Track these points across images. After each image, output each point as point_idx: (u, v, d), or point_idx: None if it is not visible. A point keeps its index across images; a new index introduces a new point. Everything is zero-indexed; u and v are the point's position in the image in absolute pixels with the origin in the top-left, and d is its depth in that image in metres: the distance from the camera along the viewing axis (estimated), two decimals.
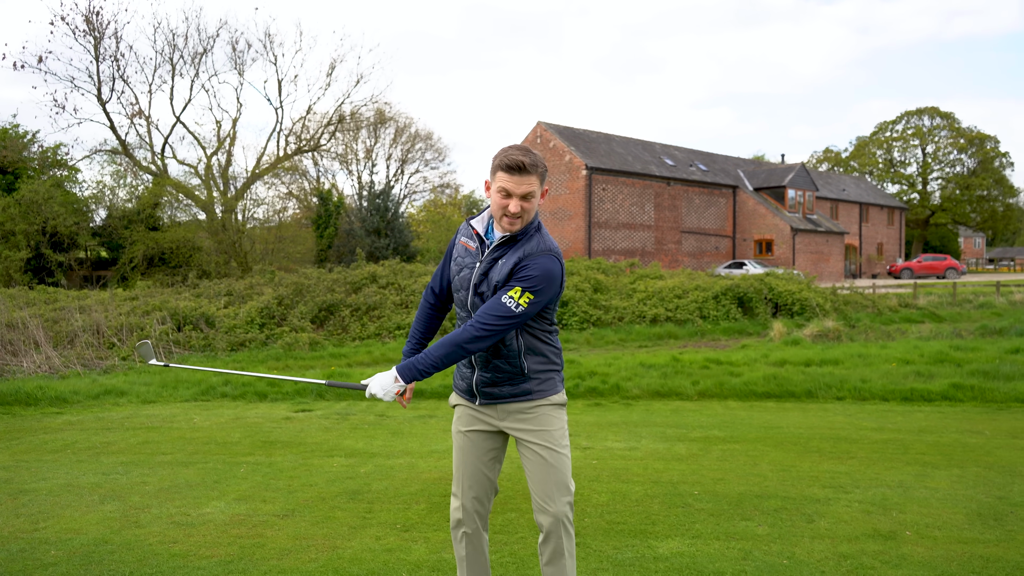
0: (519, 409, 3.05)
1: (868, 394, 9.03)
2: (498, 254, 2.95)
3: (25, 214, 28.09)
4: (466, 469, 3.12)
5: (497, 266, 2.93)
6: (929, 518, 4.65)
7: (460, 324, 3.03)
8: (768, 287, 21.00)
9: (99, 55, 30.16)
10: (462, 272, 3.04)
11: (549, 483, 3.01)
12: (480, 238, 3.01)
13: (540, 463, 3.02)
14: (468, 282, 3.00)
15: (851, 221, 49.32)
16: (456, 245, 3.12)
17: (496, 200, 2.90)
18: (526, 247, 2.94)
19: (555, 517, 3.00)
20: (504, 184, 2.85)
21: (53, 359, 14.50)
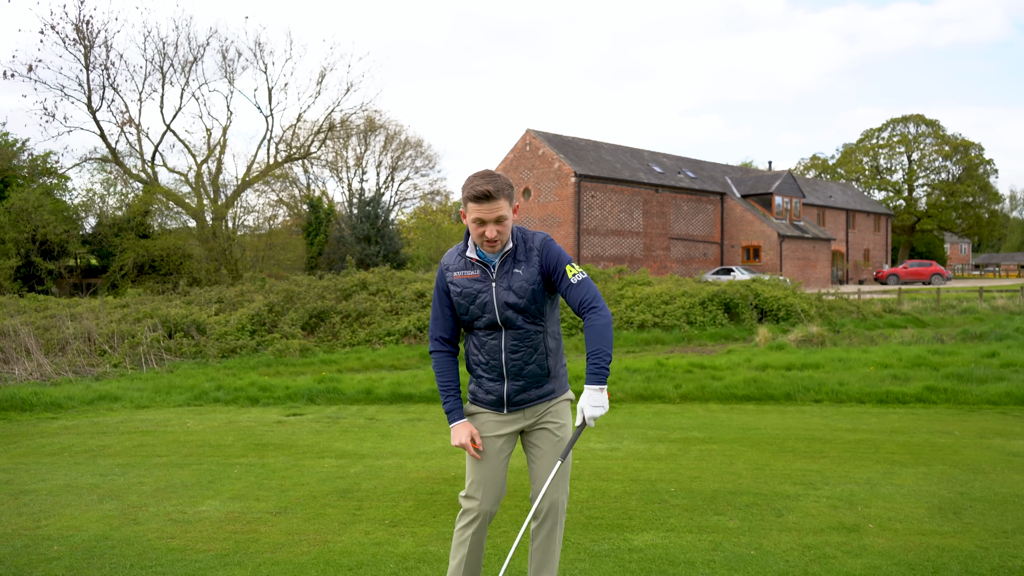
0: (540, 408, 3.27)
1: (845, 397, 9.29)
2: (508, 267, 3.15)
3: (15, 222, 28.15)
4: (487, 473, 3.22)
5: (518, 275, 3.13)
6: (892, 512, 4.89)
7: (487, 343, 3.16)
8: (754, 293, 21.28)
9: (89, 64, 30.31)
10: (478, 298, 3.15)
11: (557, 473, 3.23)
12: (481, 263, 3.16)
13: (553, 454, 3.24)
14: (493, 303, 3.13)
15: (838, 227, 49.81)
16: (451, 284, 3.21)
17: (474, 229, 3.10)
18: (528, 243, 3.18)
19: (554, 503, 3.23)
20: (476, 214, 3.05)
21: (45, 366, 14.62)
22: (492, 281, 3.14)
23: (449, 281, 3.22)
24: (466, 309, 3.18)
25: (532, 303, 3.14)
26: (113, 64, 31.62)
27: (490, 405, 3.24)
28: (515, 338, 3.16)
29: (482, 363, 3.22)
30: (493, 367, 3.20)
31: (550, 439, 3.26)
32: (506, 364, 3.17)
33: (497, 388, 3.20)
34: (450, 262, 3.25)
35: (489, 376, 3.21)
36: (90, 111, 30.73)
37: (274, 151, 34.80)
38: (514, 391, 3.19)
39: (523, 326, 3.15)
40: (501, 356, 3.17)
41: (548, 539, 3.24)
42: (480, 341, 3.20)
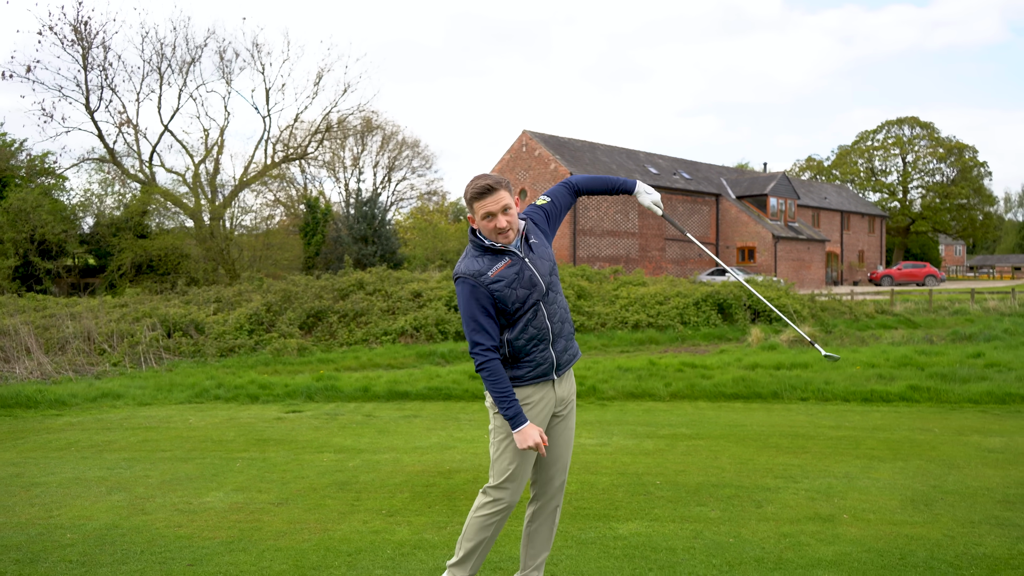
0: (568, 378, 3.53)
1: (831, 395, 9.53)
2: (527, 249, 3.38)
3: (13, 222, 28.30)
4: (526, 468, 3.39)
5: (537, 245, 3.40)
6: (866, 504, 5.13)
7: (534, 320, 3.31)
8: (748, 294, 21.54)
9: (87, 64, 30.48)
10: (522, 278, 3.28)
11: (567, 454, 3.56)
12: (506, 249, 3.31)
13: (566, 442, 3.53)
14: (535, 274, 3.32)
15: (832, 229, 50.14)
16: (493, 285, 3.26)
17: (485, 226, 3.28)
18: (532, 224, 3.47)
19: (561, 484, 3.55)
20: (484, 209, 3.26)
21: (45, 365, 14.80)
22: (524, 257, 3.34)
23: (489, 285, 3.26)
24: (516, 297, 3.27)
25: (553, 264, 3.45)
26: (111, 65, 31.87)
27: (542, 375, 3.37)
28: (551, 303, 3.39)
29: (532, 338, 3.31)
30: (543, 336, 3.34)
31: (566, 431, 3.52)
32: (552, 328, 3.37)
33: (547, 355, 3.36)
34: (478, 268, 3.28)
35: (539, 348, 3.34)
36: (88, 111, 30.92)
37: (271, 151, 35.03)
38: (560, 351, 3.41)
39: (555, 287, 3.44)
40: (548, 322, 3.36)
41: (550, 521, 3.53)
42: (524, 323, 3.30)
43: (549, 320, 3.36)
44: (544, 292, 3.35)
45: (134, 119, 32.53)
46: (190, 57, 32.61)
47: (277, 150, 35.12)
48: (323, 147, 38.98)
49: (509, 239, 3.31)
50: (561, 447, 3.52)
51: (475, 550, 3.45)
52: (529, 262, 3.34)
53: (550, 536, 3.55)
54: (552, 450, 3.49)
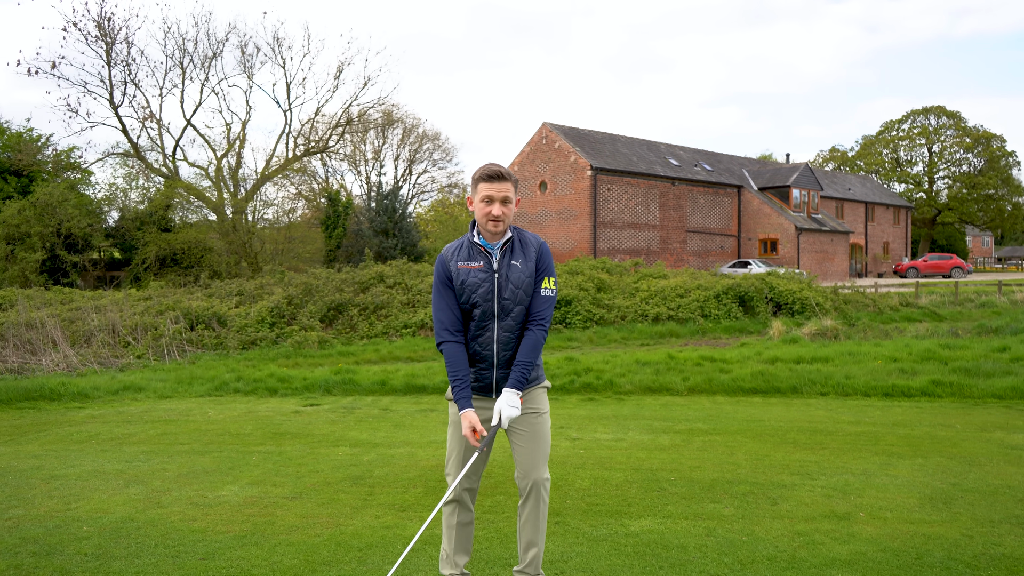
0: (528, 391, 3.51)
1: (851, 390, 9.42)
2: (508, 260, 3.39)
3: (40, 216, 28.69)
4: (468, 456, 3.47)
5: (516, 268, 3.38)
6: (884, 501, 5.06)
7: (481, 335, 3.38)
8: (769, 286, 21.36)
9: (111, 60, 30.79)
10: (480, 288, 3.35)
11: (536, 454, 3.48)
12: (485, 251, 3.38)
13: (531, 436, 3.48)
14: (494, 292, 3.35)
15: (857, 220, 49.56)
16: (455, 273, 3.38)
17: (480, 208, 3.36)
18: (524, 240, 3.45)
19: (536, 481, 3.47)
20: (486, 192, 3.32)
21: (71, 357, 15.02)
22: (494, 272, 3.36)
23: (452, 270, 3.38)
24: (467, 298, 3.36)
25: (526, 296, 3.40)
26: (134, 60, 32.18)
27: (480, 391, 3.48)
28: (506, 329, 3.39)
29: (474, 354, 3.42)
30: (484, 356, 3.41)
31: (529, 422, 3.48)
32: (497, 354, 3.40)
33: (487, 375, 3.43)
34: (452, 252, 3.43)
35: (481, 365, 3.43)
36: (112, 107, 31.26)
37: (292, 145, 35.22)
38: (501, 378, 3.43)
39: (516, 317, 3.39)
40: (493, 347, 3.39)
41: (533, 514, 3.48)
42: (472, 332, 3.40)
43: (498, 343, 3.40)
44: (494, 314, 3.36)
45: (157, 114, 32.87)
46: (212, 52, 32.87)
47: (298, 144, 35.32)
48: (344, 140, 39.18)
49: (498, 230, 3.35)
50: (521, 446, 3.48)
51: (446, 541, 3.58)
52: (498, 279, 3.37)
53: (537, 532, 3.50)
54: (514, 448, 3.50)
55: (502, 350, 3.40)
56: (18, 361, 14.94)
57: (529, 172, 37.17)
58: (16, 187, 31.00)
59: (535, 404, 3.52)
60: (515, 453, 3.52)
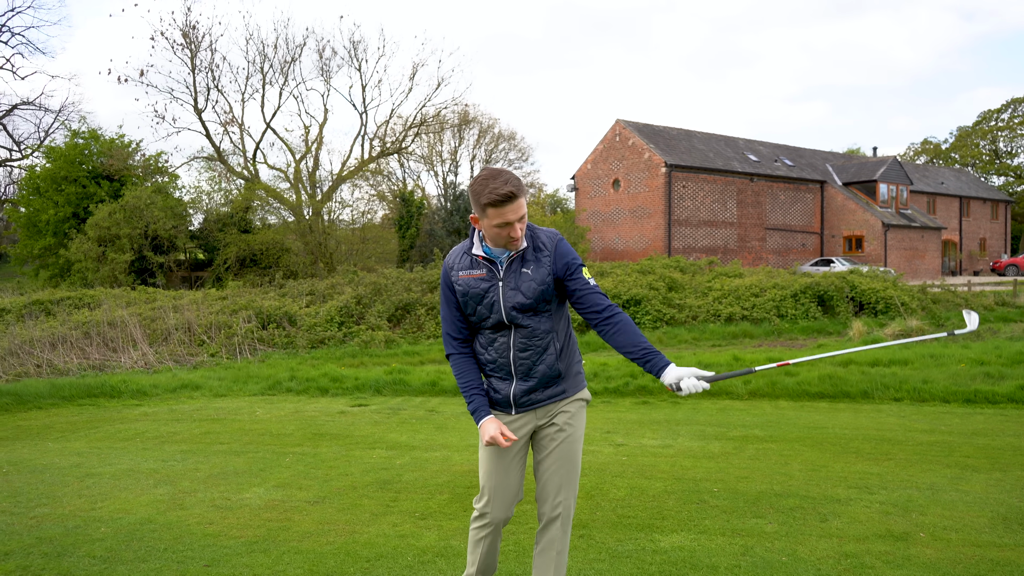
0: (554, 409, 3.16)
1: (928, 395, 8.77)
2: (517, 266, 3.03)
3: (129, 219, 29.82)
4: (500, 479, 3.14)
5: (526, 275, 3.01)
6: (949, 521, 4.58)
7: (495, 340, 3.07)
8: (850, 285, 20.41)
9: (195, 67, 31.80)
10: (485, 298, 3.04)
11: (562, 475, 3.11)
12: (488, 260, 3.05)
13: (560, 455, 3.12)
14: (500, 303, 3.03)
15: (950, 216, 47.11)
16: (456, 284, 3.09)
17: (497, 232, 2.96)
18: (537, 241, 3.06)
19: (557, 509, 3.10)
20: (502, 218, 2.91)
21: (148, 355, 15.48)
22: (499, 280, 3.04)
23: (454, 280, 3.10)
24: (473, 309, 3.08)
25: (541, 302, 3.03)
26: (217, 67, 33.17)
27: (497, 405, 3.16)
28: (524, 336, 3.05)
29: (490, 361, 3.12)
30: (501, 366, 3.10)
31: (557, 439, 3.13)
32: (514, 363, 3.07)
33: (504, 387, 3.11)
34: (454, 261, 3.13)
35: (497, 375, 3.12)
36: (196, 112, 32.27)
37: (368, 147, 35.67)
38: (521, 392, 3.09)
39: (532, 325, 3.04)
40: (509, 355, 3.07)
41: (548, 545, 3.11)
42: (488, 339, 3.11)
43: (514, 351, 3.06)
44: (505, 324, 3.05)
45: (239, 118, 33.77)
46: (290, 57, 33.54)
47: (374, 145, 35.75)
48: (420, 140, 39.47)
49: (519, 247, 3.01)
50: (545, 465, 3.14)
51: (475, 565, 3.22)
52: (503, 286, 3.03)
53: (550, 566, 3.12)
54: (537, 467, 3.16)
55: (519, 358, 3.07)
56: (100, 358, 15.49)
57: (602, 170, 36.67)
58: (108, 191, 32.29)
59: (564, 421, 3.14)
60: (537, 472, 3.17)
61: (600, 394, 9.50)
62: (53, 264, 31.51)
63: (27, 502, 5.15)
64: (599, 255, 35.82)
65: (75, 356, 15.14)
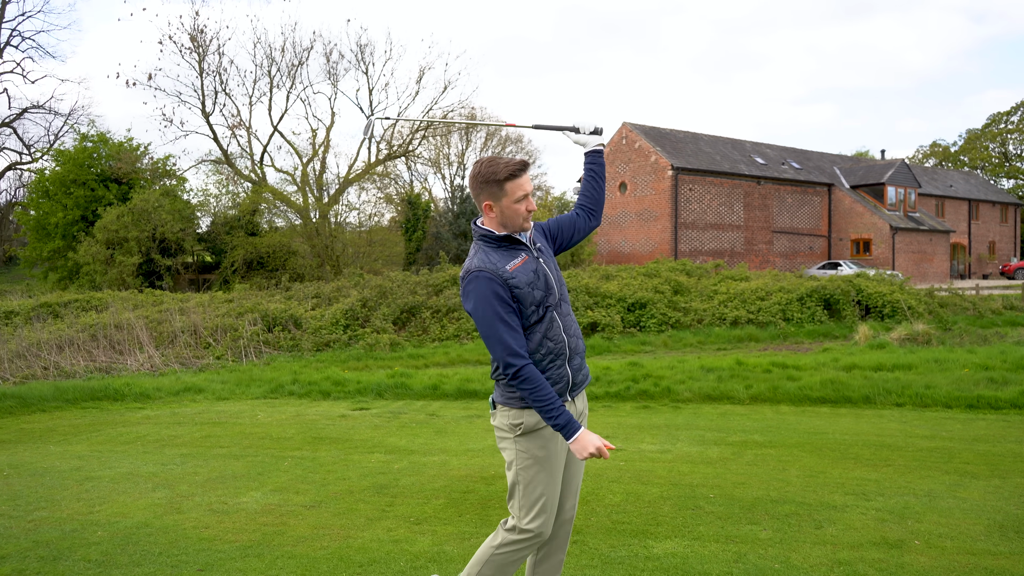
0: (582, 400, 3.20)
1: (930, 400, 8.72)
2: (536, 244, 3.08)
3: (136, 222, 29.99)
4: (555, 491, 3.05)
5: (546, 251, 3.12)
6: (945, 528, 4.56)
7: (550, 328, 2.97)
8: (857, 288, 20.34)
9: (203, 70, 31.95)
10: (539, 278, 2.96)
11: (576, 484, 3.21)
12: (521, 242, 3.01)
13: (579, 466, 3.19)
14: (551, 279, 3.02)
15: (959, 219, 46.89)
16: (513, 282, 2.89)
17: (515, 210, 2.94)
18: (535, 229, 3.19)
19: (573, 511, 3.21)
20: (523, 189, 2.94)
21: (154, 358, 15.55)
22: (538, 257, 3.03)
23: (511, 282, 2.89)
24: (532, 297, 2.92)
25: (562, 278, 3.14)
26: (225, 70, 33.22)
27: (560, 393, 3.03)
28: (565, 314, 3.06)
29: (550, 353, 2.96)
30: (559, 352, 2.98)
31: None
32: (568, 343, 3.01)
33: (563, 374, 3.00)
34: (495, 263, 2.91)
35: (555, 364, 2.97)
36: (204, 115, 32.41)
37: (375, 150, 35.75)
38: (575, 370, 3.05)
39: (567, 300, 3.12)
40: (564, 336, 3.00)
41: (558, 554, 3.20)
42: (540, 337, 2.94)
43: (566, 333, 3.01)
44: (558, 299, 3.02)
45: (247, 121, 33.91)
46: (297, 60, 33.66)
47: (381, 148, 35.84)
48: (427, 143, 39.58)
49: (530, 226, 3.05)
50: (573, 471, 3.18)
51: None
52: (543, 262, 3.04)
53: (558, 568, 3.21)
54: (565, 474, 3.13)
55: (572, 337, 3.03)
56: (106, 361, 15.57)
57: (609, 173, 36.65)
58: (116, 194, 32.47)
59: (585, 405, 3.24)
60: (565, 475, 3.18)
61: (601, 398, 9.49)
62: (62, 267, 31.69)
63: (26, 505, 5.18)
64: (605, 258, 35.79)
65: (82, 359, 15.22)
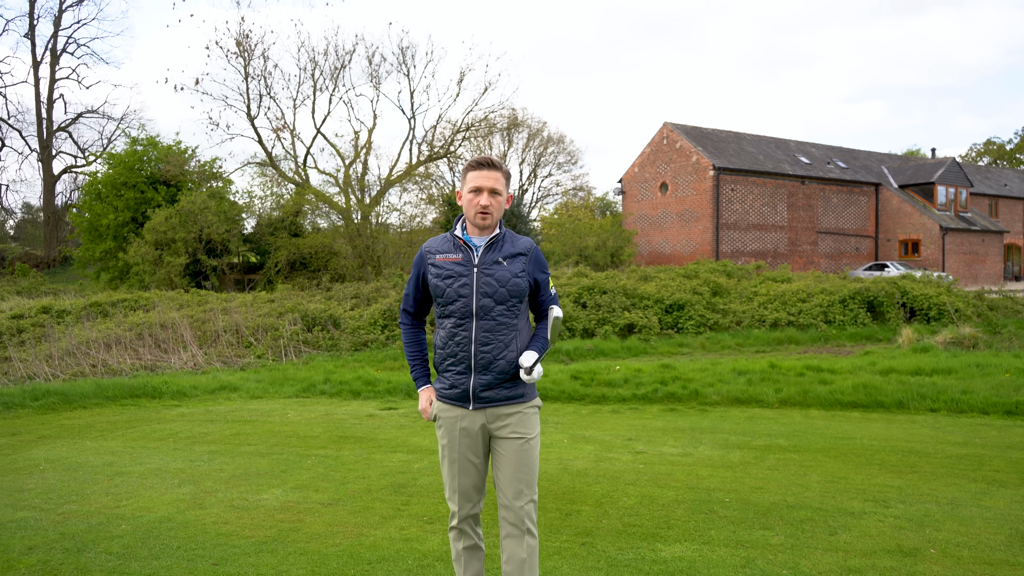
0: (509, 411, 3.19)
1: (967, 406, 8.52)
2: (493, 257, 3.16)
3: (184, 223, 30.68)
4: (462, 479, 3.21)
5: (502, 267, 3.15)
6: (964, 537, 4.47)
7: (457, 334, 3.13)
8: (902, 291, 19.92)
9: (248, 75, 32.56)
10: (457, 282, 3.12)
11: (519, 480, 3.16)
12: (467, 246, 3.17)
13: (514, 460, 3.16)
14: (472, 288, 3.11)
15: (1014, 219, 45.52)
16: (432, 265, 3.20)
17: (469, 200, 3.18)
18: (517, 244, 3.23)
19: (517, 515, 3.14)
20: (475, 183, 3.15)
21: (197, 356, 15.92)
22: (474, 267, 3.14)
23: (431, 263, 3.21)
24: (442, 292, 3.15)
25: (511, 297, 3.15)
26: (270, 74, 33.90)
27: (456, 399, 3.19)
28: (487, 329, 3.12)
29: (449, 355, 3.16)
30: (462, 359, 3.14)
31: (516, 447, 3.18)
32: (475, 356, 3.12)
33: (464, 381, 3.15)
34: (434, 245, 3.25)
35: (456, 369, 3.15)
36: (249, 119, 33.03)
37: (417, 151, 36.06)
38: (480, 385, 3.13)
39: (497, 318, 3.13)
40: (471, 347, 3.12)
41: (515, 553, 3.15)
42: (450, 332, 3.16)
43: (476, 344, 3.12)
44: (472, 312, 3.12)
45: (291, 124, 34.48)
46: (340, 63, 34.11)
47: (422, 150, 36.12)
48: (468, 144, 39.77)
49: (486, 223, 3.15)
50: (505, 473, 3.17)
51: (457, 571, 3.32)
52: (478, 272, 3.14)
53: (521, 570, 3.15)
54: (497, 475, 3.20)
55: (480, 351, 3.11)
56: (152, 359, 16.00)
57: (650, 173, 36.42)
58: (164, 196, 33.25)
59: (522, 428, 3.20)
60: (497, 480, 3.21)
61: (628, 400, 9.47)
62: (113, 267, 32.58)
63: (57, 499, 5.37)
64: (646, 259, 35.58)
65: (128, 357, 15.66)
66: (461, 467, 3.22)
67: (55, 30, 45.39)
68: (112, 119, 48.41)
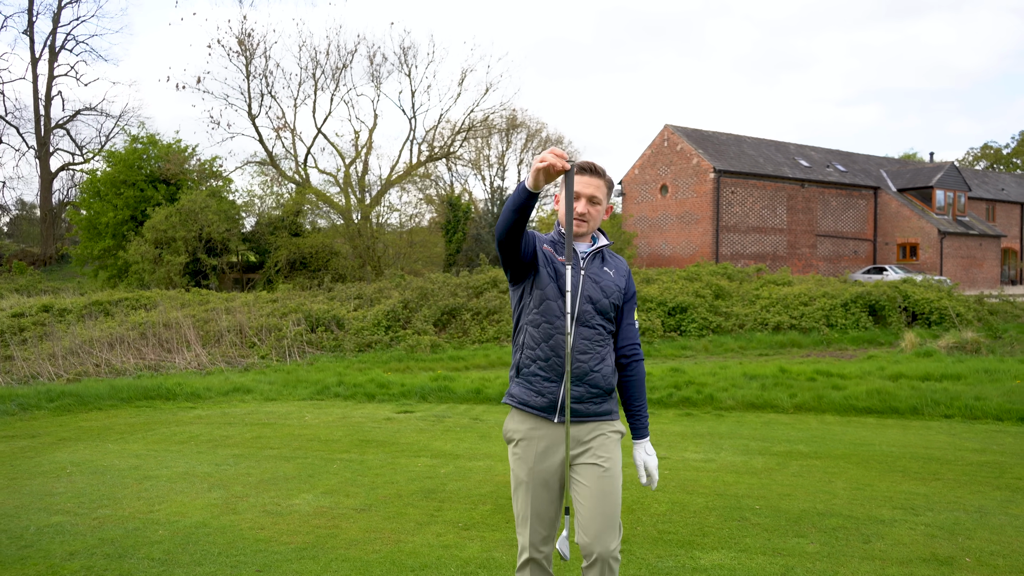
0: (597, 430, 2.96)
1: (981, 413, 8.59)
2: (599, 265, 3.03)
3: (184, 222, 30.60)
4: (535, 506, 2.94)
5: (608, 275, 3.02)
6: (997, 545, 4.52)
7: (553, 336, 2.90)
8: (903, 295, 20.03)
9: (249, 73, 32.52)
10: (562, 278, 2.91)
11: (606, 516, 2.87)
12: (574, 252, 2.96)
13: (600, 492, 2.88)
14: (579, 288, 2.93)
15: (1011, 223, 45.76)
16: (541, 251, 2.98)
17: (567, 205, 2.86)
18: (616, 260, 3.12)
19: (601, 555, 2.83)
20: (577, 186, 2.97)
21: (201, 356, 15.90)
22: (580, 270, 2.97)
23: (541, 247, 2.98)
24: (546, 283, 2.92)
25: (612, 309, 2.99)
26: (271, 73, 33.77)
27: (540, 409, 2.92)
28: (586, 337, 2.91)
29: (540, 359, 2.91)
30: (553, 365, 2.89)
31: (597, 475, 2.90)
32: (570, 363, 2.85)
33: (553, 389, 2.89)
34: (542, 236, 3.05)
35: (545, 375, 2.90)
36: (250, 118, 32.98)
37: (417, 151, 36.06)
38: (574, 397, 2.88)
39: (597, 326, 2.94)
40: (566, 352, 2.84)
41: None
42: (544, 333, 2.91)
43: (574, 351, 2.89)
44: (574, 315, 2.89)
45: (291, 123, 34.45)
46: (341, 63, 34.09)
47: (422, 150, 36.13)
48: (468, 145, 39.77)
49: (582, 231, 3.00)
50: (587, 505, 2.87)
51: None
52: (585, 275, 2.97)
53: None
54: (578, 507, 2.90)
55: (577, 359, 2.88)
56: (155, 359, 15.97)
57: (650, 175, 36.49)
58: (164, 195, 33.17)
59: (604, 453, 2.92)
60: (578, 513, 2.90)
61: None
62: (112, 265, 32.47)
63: (89, 503, 5.38)
64: (645, 261, 35.64)
65: (132, 356, 15.63)
66: (536, 493, 2.95)
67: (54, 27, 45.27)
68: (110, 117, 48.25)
